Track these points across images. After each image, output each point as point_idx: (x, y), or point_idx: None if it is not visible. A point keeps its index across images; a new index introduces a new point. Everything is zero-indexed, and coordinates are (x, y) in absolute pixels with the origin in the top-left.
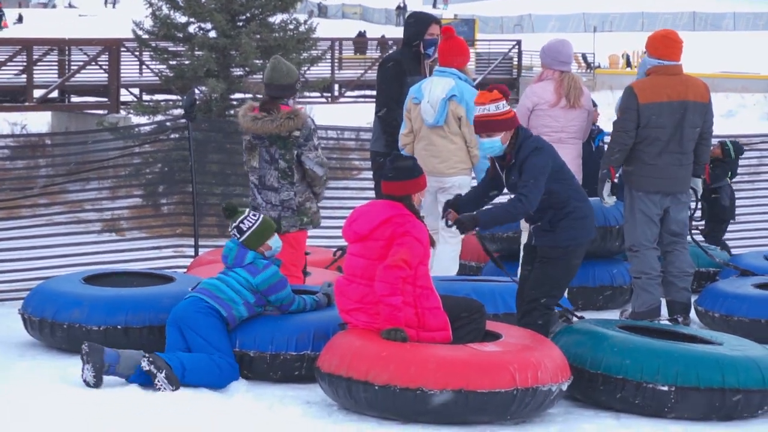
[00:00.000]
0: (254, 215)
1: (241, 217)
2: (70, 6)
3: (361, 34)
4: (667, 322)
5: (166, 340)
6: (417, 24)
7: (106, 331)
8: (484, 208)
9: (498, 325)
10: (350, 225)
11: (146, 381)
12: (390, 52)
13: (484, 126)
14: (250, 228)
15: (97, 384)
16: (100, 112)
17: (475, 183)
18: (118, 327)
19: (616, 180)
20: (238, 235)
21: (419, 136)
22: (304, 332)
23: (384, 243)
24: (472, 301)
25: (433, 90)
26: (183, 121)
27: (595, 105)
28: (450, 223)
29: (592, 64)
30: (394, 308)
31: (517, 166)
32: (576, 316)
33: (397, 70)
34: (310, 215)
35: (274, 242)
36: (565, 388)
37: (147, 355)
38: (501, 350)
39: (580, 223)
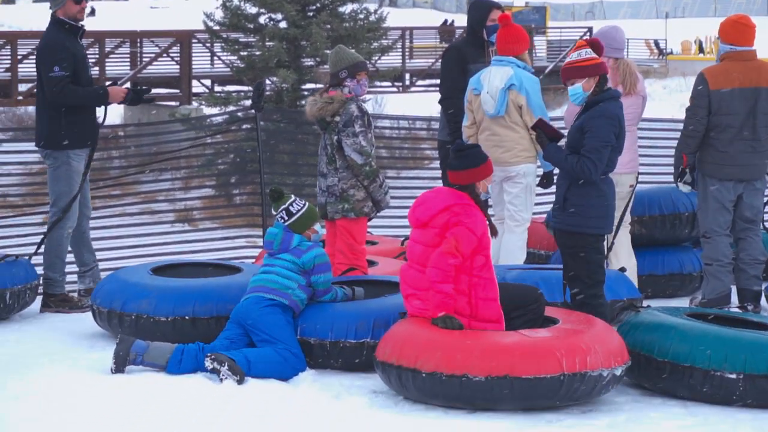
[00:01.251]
0: (301, 201)
1: (290, 201)
2: None
3: (446, 23)
4: (736, 310)
5: (221, 333)
6: (478, 11)
7: (174, 322)
8: (557, 145)
9: (558, 311)
10: (413, 210)
11: (181, 371)
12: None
13: (565, 73)
14: (298, 211)
15: (118, 371)
16: (172, 103)
17: (540, 171)
18: (186, 318)
19: (687, 167)
20: (287, 218)
21: (482, 127)
22: (363, 320)
23: (438, 231)
24: (530, 290)
25: (491, 80)
26: (252, 111)
27: None
28: (534, 126)
29: (664, 51)
30: (446, 295)
31: (587, 115)
32: (642, 307)
33: (459, 57)
34: (352, 202)
35: (319, 228)
36: (619, 372)
37: (210, 354)
38: (550, 336)
39: (605, 210)
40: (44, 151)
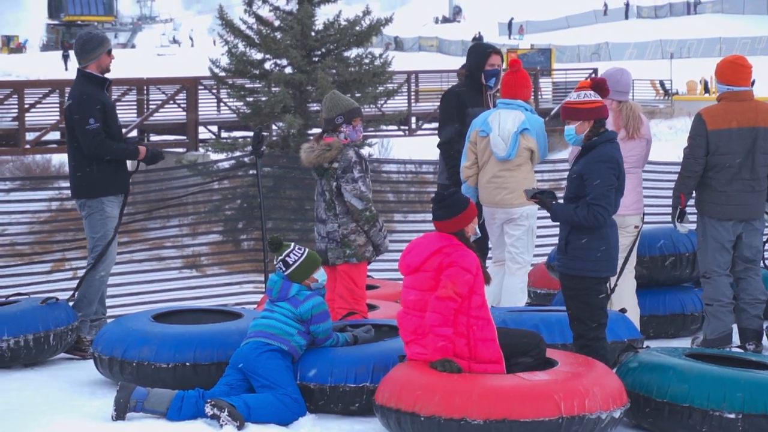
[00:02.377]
0: (300, 249)
1: (287, 251)
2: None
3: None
4: (737, 350)
5: (220, 379)
6: (476, 55)
7: (175, 369)
8: (561, 204)
9: (558, 353)
10: (404, 258)
11: (181, 417)
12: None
13: (564, 111)
14: (295, 262)
15: (119, 418)
16: (179, 150)
17: (541, 212)
18: (187, 364)
19: (686, 207)
20: (284, 269)
21: (485, 169)
22: (363, 365)
23: (432, 274)
24: (531, 336)
25: (502, 123)
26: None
27: None
28: (532, 192)
29: (669, 91)
30: (445, 339)
31: (584, 160)
32: (641, 347)
33: (457, 102)
34: (354, 248)
35: (320, 275)
36: (618, 415)
37: (209, 400)
38: (548, 379)
39: (606, 254)
40: (79, 200)
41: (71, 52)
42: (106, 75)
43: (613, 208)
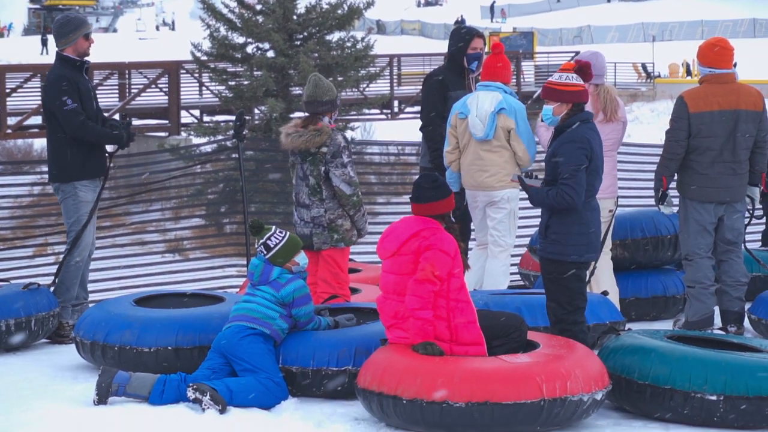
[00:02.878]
0: (281, 232)
1: (268, 234)
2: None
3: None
4: (718, 332)
5: (202, 363)
6: (459, 38)
7: (157, 353)
8: (535, 186)
9: (540, 336)
10: (382, 242)
11: (163, 401)
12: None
13: (544, 91)
14: (276, 245)
15: (101, 402)
16: (161, 134)
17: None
18: (169, 348)
19: (668, 190)
20: (265, 252)
21: (466, 152)
22: (345, 348)
23: (411, 257)
24: (512, 317)
25: (480, 104)
26: (234, 141)
27: None
28: (516, 176)
29: (651, 74)
30: (425, 322)
31: (557, 142)
32: (622, 330)
33: (440, 85)
34: (341, 232)
35: (301, 259)
36: (599, 397)
37: (191, 384)
38: (530, 361)
39: (586, 238)
40: (54, 185)
41: (50, 36)
42: (84, 57)
43: (583, 188)
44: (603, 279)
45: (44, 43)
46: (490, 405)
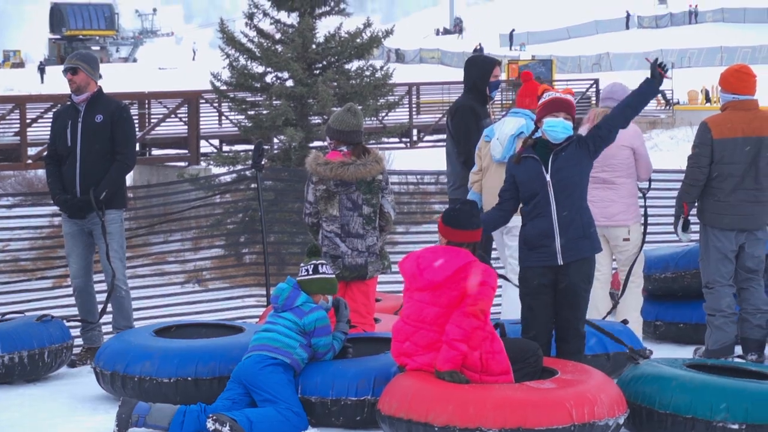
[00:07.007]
0: (331, 268)
1: (322, 261)
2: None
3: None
4: (739, 360)
5: (222, 393)
6: (481, 67)
7: (177, 383)
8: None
9: (554, 361)
10: (422, 273)
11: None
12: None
13: (555, 104)
14: (323, 273)
15: None
16: (181, 164)
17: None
18: (188, 378)
19: (689, 216)
20: (311, 273)
21: (487, 175)
22: (364, 378)
23: (459, 293)
24: (528, 343)
25: (504, 128)
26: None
27: None
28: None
29: (671, 101)
30: (460, 354)
31: (575, 142)
32: (642, 357)
33: (474, 115)
34: (388, 258)
35: (329, 300)
36: (621, 421)
37: (211, 414)
38: (557, 387)
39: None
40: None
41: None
42: (75, 93)
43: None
44: (630, 309)
45: (42, 71)
46: (522, 431)
